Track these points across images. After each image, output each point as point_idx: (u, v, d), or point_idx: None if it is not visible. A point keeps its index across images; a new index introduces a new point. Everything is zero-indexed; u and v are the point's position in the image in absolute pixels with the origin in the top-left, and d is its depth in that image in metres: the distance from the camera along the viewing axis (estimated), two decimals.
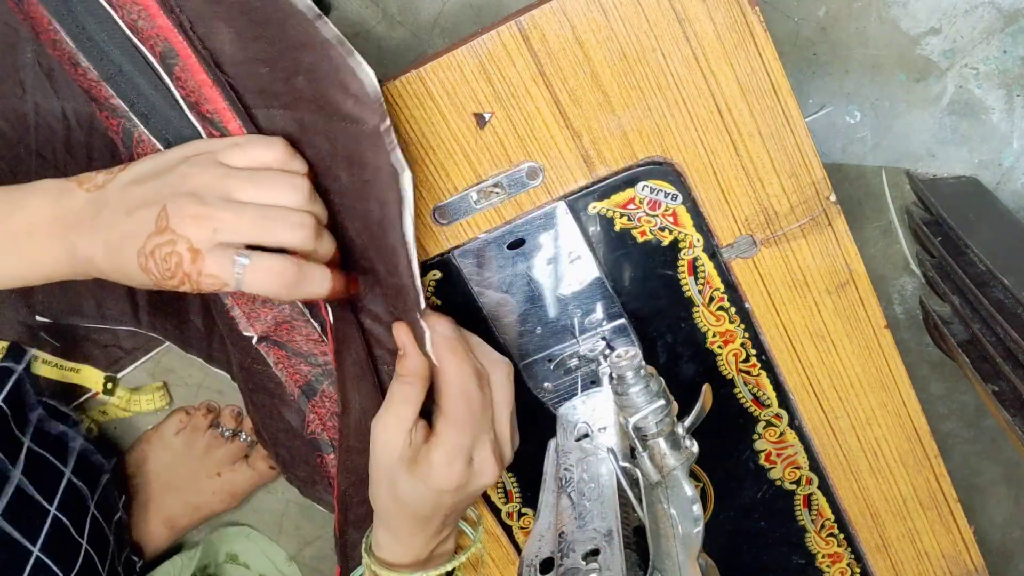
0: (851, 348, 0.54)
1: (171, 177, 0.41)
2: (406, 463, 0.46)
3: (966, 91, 0.78)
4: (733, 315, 0.54)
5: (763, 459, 0.59)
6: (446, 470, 0.46)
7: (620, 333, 0.54)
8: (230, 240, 0.40)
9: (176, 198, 0.40)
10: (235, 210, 0.41)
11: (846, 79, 0.78)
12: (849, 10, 0.76)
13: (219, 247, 0.40)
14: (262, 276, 0.41)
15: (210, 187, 0.41)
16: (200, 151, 0.43)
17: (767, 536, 0.61)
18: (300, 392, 0.52)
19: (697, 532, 0.43)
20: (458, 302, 0.54)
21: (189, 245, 0.40)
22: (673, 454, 0.44)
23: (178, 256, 0.40)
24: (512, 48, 0.47)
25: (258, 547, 0.87)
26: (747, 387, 0.56)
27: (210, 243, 0.40)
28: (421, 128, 0.49)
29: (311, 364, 0.51)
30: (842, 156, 0.81)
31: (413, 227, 0.43)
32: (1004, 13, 0.75)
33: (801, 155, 0.49)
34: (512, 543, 0.61)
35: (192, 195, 0.40)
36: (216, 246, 0.40)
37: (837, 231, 0.51)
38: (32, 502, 0.61)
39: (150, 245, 0.40)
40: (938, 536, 0.60)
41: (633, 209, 0.51)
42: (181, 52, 0.43)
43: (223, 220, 0.40)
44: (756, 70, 0.47)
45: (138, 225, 0.40)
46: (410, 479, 0.46)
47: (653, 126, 0.49)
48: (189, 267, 0.40)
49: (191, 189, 0.41)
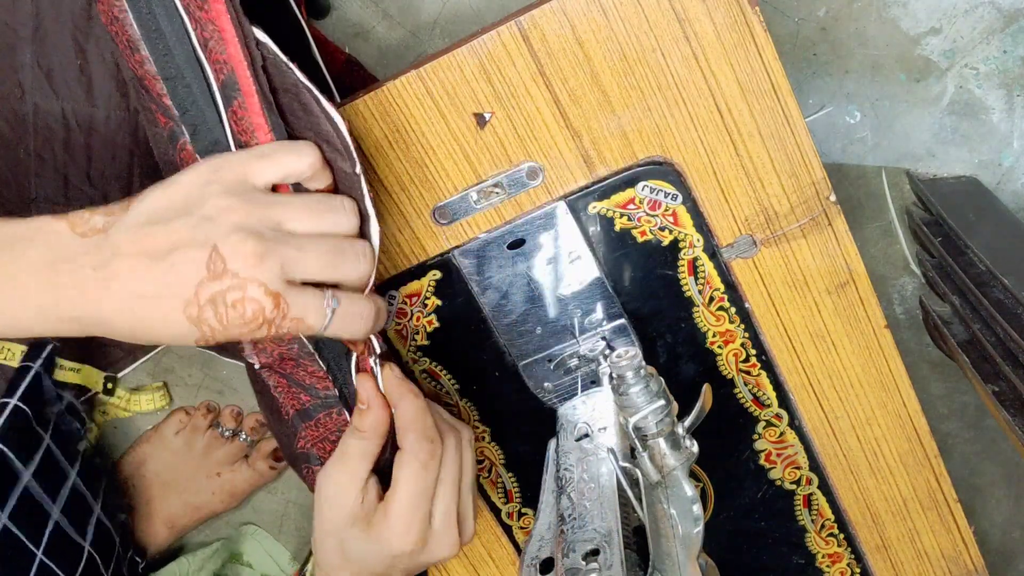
0: (851, 348, 0.54)
1: (206, 211, 0.36)
2: (360, 523, 0.44)
3: (966, 91, 0.78)
4: (733, 315, 0.54)
5: (763, 459, 0.59)
6: (404, 533, 0.43)
7: (620, 333, 0.54)
8: (298, 278, 0.37)
9: (225, 236, 0.35)
10: (298, 244, 0.37)
11: (846, 79, 0.78)
12: (849, 10, 0.76)
13: (301, 290, 0.37)
14: (350, 320, 0.38)
15: (260, 218, 0.36)
16: (221, 171, 0.37)
17: (767, 536, 0.61)
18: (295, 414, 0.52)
19: (697, 532, 0.43)
20: (458, 302, 0.54)
21: (265, 289, 0.35)
22: (673, 454, 0.44)
23: (255, 303, 0.35)
24: (512, 48, 0.47)
25: (262, 547, 0.87)
26: (747, 387, 0.56)
27: (280, 283, 0.36)
28: (421, 128, 0.49)
29: (311, 395, 0.50)
30: (842, 156, 0.81)
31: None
32: (1004, 13, 0.76)
33: (801, 155, 0.49)
34: (512, 543, 0.61)
35: (244, 230, 0.35)
36: (294, 288, 0.36)
37: (837, 231, 0.51)
38: (37, 505, 0.61)
39: (206, 294, 0.35)
40: (938, 536, 0.60)
41: (633, 209, 0.51)
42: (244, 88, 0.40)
43: (288, 256, 0.36)
44: (756, 70, 0.47)
45: (179, 273, 0.35)
46: (364, 540, 0.44)
47: (653, 126, 0.49)
48: (272, 312, 0.36)
49: (239, 223, 0.36)
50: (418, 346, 0.55)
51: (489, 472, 0.60)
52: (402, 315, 0.54)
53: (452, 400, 0.57)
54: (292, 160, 0.38)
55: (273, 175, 0.38)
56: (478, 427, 0.58)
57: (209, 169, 0.37)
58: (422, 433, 0.44)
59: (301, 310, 0.36)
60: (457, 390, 0.57)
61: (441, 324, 0.55)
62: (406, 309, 0.54)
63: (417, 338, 0.55)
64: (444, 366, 0.56)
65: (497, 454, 0.59)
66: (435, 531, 0.45)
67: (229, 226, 0.35)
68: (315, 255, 0.37)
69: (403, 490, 0.44)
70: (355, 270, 0.39)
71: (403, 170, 0.50)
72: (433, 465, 0.44)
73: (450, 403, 0.57)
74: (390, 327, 0.55)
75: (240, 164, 0.38)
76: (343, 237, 0.39)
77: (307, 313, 0.37)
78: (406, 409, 0.44)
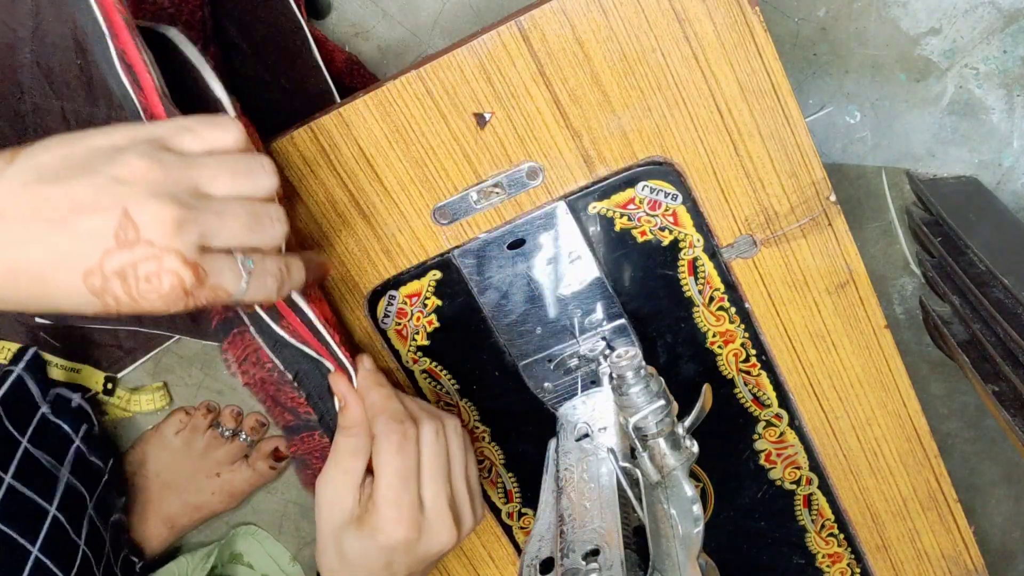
0: (851, 348, 0.54)
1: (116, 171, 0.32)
2: (356, 522, 0.42)
3: (966, 91, 0.78)
4: (733, 315, 0.54)
5: (763, 459, 0.59)
6: (395, 520, 0.41)
7: (620, 333, 0.54)
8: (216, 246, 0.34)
9: (140, 201, 0.32)
10: (217, 210, 0.34)
11: (846, 79, 0.78)
12: (849, 10, 0.76)
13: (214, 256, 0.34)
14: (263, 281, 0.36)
15: (178, 181, 0.33)
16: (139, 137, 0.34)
17: (767, 536, 0.61)
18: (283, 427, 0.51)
19: (697, 532, 0.43)
20: (458, 302, 0.54)
21: (183, 258, 0.32)
22: (673, 454, 0.44)
23: (172, 275, 0.32)
24: (512, 48, 0.47)
25: (262, 547, 0.87)
26: (747, 387, 0.56)
27: (197, 252, 0.33)
28: (421, 128, 0.49)
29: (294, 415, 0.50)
30: (842, 156, 0.81)
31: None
32: (1004, 13, 0.75)
33: (801, 155, 0.49)
34: (512, 543, 0.61)
35: (162, 195, 0.32)
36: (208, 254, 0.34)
37: (837, 231, 0.51)
38: (28, 502, 0.61)
39: (113, 264, 0.31)
40: (938, 536, 0.60)
41: (633, 209, 0.51)
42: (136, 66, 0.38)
43: (208, 224, 0.33)
44: (756, 70, 0.47)
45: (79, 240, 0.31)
46: (359, 538, 0.42)
47: (653, 126, 0.49)
48: (191, 283, 0.33)
49: (155, 186, 0.32)
50: (418, 346, 0.55)
51: (489, 472, 0.60)
52: (402, 315, 0.54)
53: (452, 400, 0.57)
54: (217, 134, 0.36)
55: (195, 147, 0.35)
56: (478, 427, 0.58)
57: (125, 132, 0.34)
58: (390, 416, 0.43)
59: (217, 277, 0.34)
60: (457, 390, 0.57)
61: (441, 324, 0.55)
62: (406, 309, 0.54)
63: (417, 338, 0.55)
64: (444, 366, 0.56)
65: (497, 454, 0.59)
66: (428, 518, 0.43)
67: (145, 189, 0.32)
68: (234, 220, 0.34)
69: (382, 475, 0.42)
70: (272, 236, 0.36)
71: (403, 170, 0.50)
72: (409, 448, 0.43)
73: (450, 403, 0.57)
74: (390, 327, 0.55)
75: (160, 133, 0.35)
76: (259, 200, 0.36)
77: (223, 278, 0.34)
78: (373, 397, 0.44)
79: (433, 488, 0.44)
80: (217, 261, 0.34)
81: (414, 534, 0.42)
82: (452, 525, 0.44)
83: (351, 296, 0.53)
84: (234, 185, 0.35)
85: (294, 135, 0.49)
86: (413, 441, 0.43)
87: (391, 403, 0.44)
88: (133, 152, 0.33)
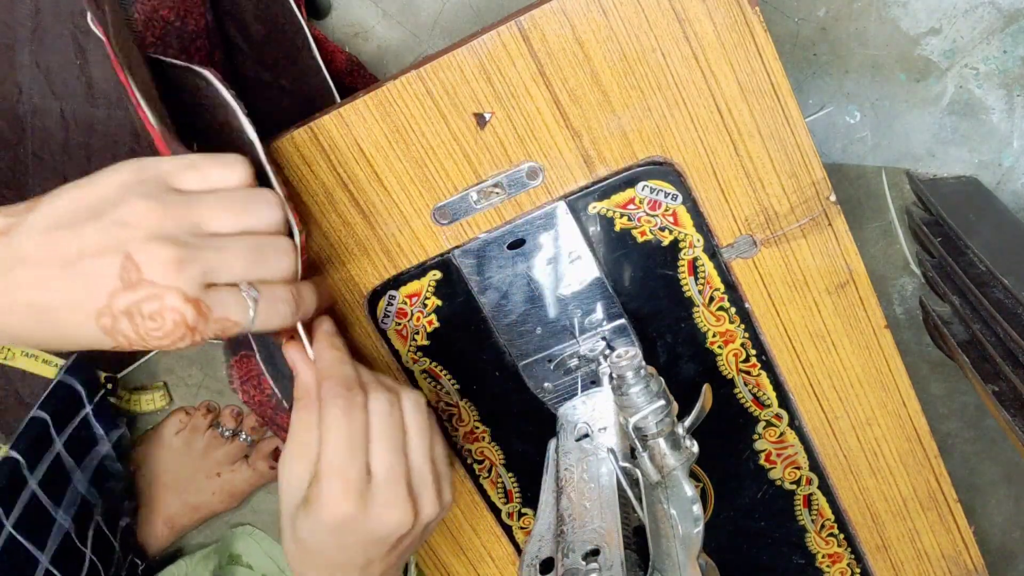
0: (851, 348, 0.54)
1: (120, 214, 0.33)
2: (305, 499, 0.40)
3: (966, 91, 0.78)
4: (733, 315, 0.54)
5: (763, 459, 0.59)
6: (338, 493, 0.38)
7: (620, 333, 0.54)
8: (219, 280, 0.35)
9: (141, 243, 0.33)
10: (218, 247, 0.35)
11: (846, 79, 0.78)
12: (849, 10, 0.76)
13: (217, 289, 0.35)
14: (274, 309, 0.37)
15: (178, 221, 0.34)
16: (144, 176, 0.35)
17: (767, 536, 0.61)
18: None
19: (697, 532, 0.43)
20: (458, 302, 0.54)
21: (183, 296, 0.33)
22: (673, 454, 0.44)
23: (174, 312, 0.33)
24: (512, 48, 0.47)
25: (261, 547, 0.87)
26: (747, 387, 0.56)
27: (200, 288, 0.34)
28: (421, 128, 0.49)
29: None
30: (842, 156, 0.81)
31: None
32: (1004, 13, 0.75)
33: (801, 155, 0.49)
34: (512, 543, 0.61)
35: (160, 237, 0.33)
36: (212, 289, 0.35)
37: (837, 231, 0.51)
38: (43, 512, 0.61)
39: (120, 304, 0.33)
40: (938, 536, 0.60)
41: (633, 209, 0.51)
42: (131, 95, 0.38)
43: (209, 261, 0.34)
44: (756, 70, 0.47)
45: (89, 283, 0.33)
46: (306, 515, 0.39)
47: (653, 126, 0.49)
48: (194, 319, 0.34)
49: (155, 228, 0.33)
50: (418, 346, 0.55)
51: (489, 472, 0.60)
52: (402, 315, 0.54)
53: (452, 400, 0.57)
54: (220, 172, 0.36)
55: (198, 185, 0.36)
56: (478, 427, 0.58)
57: (129, 170, 0.35)
58: (337, 380, 0.40)
59: (223, 310, 0.35)
60: (457, 390, 0.57)
61: (441, 324, 0.55)
62: (406, 309, 0.54)
63: (417, 338, 0.55)
64: (444, 366, 0.56)
65: (497, 454, 0.59)
66: (374, 492, 0.39)
67: (145, 232, 0.33)
68: (236, 256, 0.35)
69: (325, 442, 0.39)
70: (277, 269, 0.37)
71: (403, 170, 0.50)
72: (357, 415, 0.40)
73: (450, 403, 0.57)
74: (390, 327, 0.55)
75: (165, 171, 0.35)
76: (265, 234, 0.37)
77: (229, 311, 0.35)
78: (322, 359, 0.41)
79: (384, 459, 0.40)
80: (220, 294, 0.35)
81: (360, 507, 0.39)
82: (407, 502, 0.40)
83: (351, 296, 0.53)
84: (236, 221, 0.36)
85: (294, 135, 0.49)
86: (360, 408, 0.40)
87: (341, 368, 0.41)
88: (136, 193, 0.34)
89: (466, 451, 0.59)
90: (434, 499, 0.42)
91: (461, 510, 0.60)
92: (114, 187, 0.34)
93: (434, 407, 0.56)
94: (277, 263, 0.37)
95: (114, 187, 0.34)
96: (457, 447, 0.59)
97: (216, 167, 0.36)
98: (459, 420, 0.58)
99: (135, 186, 0.34)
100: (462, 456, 0.59)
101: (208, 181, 0.36)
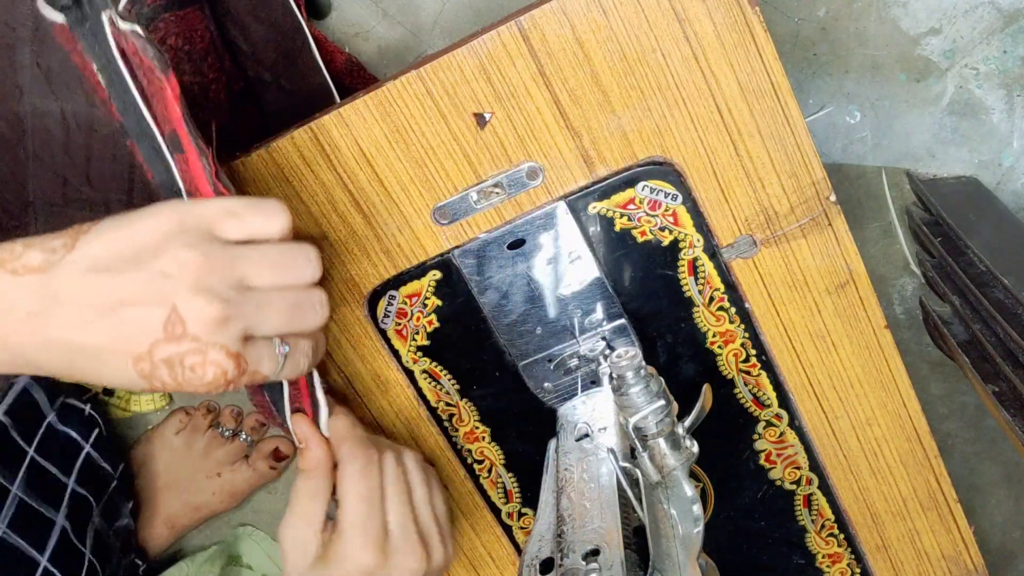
0: (851, 348, 0.54)
1: (162, 264, 0.34)
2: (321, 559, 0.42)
3: (966, 91, 0.78)
4: (733, 315, 0.54)
5: (763, 459, 0.59)
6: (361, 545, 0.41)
7: (620, 333, 0.54)
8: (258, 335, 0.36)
9: (185, 297, 0.33)
10: (259, 303, 0.36)
11: (846, 79, 0.78)
12: (849, 10, 0.76)
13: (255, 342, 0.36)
14: (297, 362, 0.38)
15: (221, 274, 0.34)
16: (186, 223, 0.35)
17: (767, 536, 0.61)
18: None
19: (697, 532, 0.43)
20: (458, 302, 0.54)
21: (227, 351, 0.34)
22: (673, 454, 0.44)
23: (216, 367, 0.34)
24: (512, 48, 0.47)
25: (261, 548, 0.87)
26: (747, 387, 0.56)
27: (240, 344, 0.35)
28: (421, 128, 0.49)
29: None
30: (842, 156, 0.81)
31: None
32: (1004, 13, 0.75)
33: (801, 155, 0.49)
34: (512, 543, 0.61)
35: (206, 292, 0.34)
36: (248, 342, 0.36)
37: (837, 231, 0.51)
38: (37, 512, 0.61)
39: (162, 354, 0.34)
40: (938, 536, 0.60)
41: (633, 209, 0.51)
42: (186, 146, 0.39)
43: (250, 318, 0.35)
44: (756, 70, 0.47)
45: (131, 330, 0.33)
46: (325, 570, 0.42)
47: (653, 126, 0.49)
48: (233, 374, 0.35)
49: (199, 281, 0.34)
50: (418, 346, 0.55)
51: (489, 472, 0.60)
52: (402, 315, 0.54)
53: (452, 400, 0.57)
54: (261, 222, 0.36)
55: (239, 235, 0.36)
56: (478, 427, 0.58)
57: (171, 216, 0.35)
58: (355, 441, 0.43)
59: (256, 363, 0.36)
60: (457, 390, 0.57)
61: (441, 324, 0.55)
62: (406, 309, 0.54)
63: (417, 338, 0.55)
64: (444, 366, 0.56)
65: (497, 454, 0.59)
66: (394, 542, 0.43)
67: (190, 285, 0.33)
68: (275, 313, 0.36)
69: (347, 500, 0.42)
70: (312, 323, 0.38)
71: (403, 170, 0.50)
72: (373, 470, 0.43)
73: (450, 403, 0.57)
74: (390, 327, 0.55)
75: (206, 217, 0.35)
76: (302, 288, 0.38)
77: (262, 364, 0.36)
78: (336, 426, 0.44)
79: (398, 512, 0.43)
80: (258, 349, 0.36)
81: (381, 558, 0.42)
82: (421, 550, 0.43)
83: (351, 296, 0.53)
84: (276, 277, 0.36)
85: (294, 135, 0.49)
86: (376, 464, 0.43)
87: (355, 431, 0.45)
88: (179, 242, 0.34)
89: (466, 451, 0.59)
90: (440, 548, 0.45)
91: (461, 510, 0.60)
92: (157, 235, 0.34)
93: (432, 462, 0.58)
94: (312, 318, 0.38)
95: (157, 235, 0.34)
96: (457, 447, 0.59)
97: (258, 217, 0.36)
98: (459, 420, 0.58)
99: (178, 235, 0.34)
100: (462, 456, 0.59)
101: (249, 230, 0.36)
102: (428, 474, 0.48)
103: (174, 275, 0.33)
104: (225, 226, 0.36)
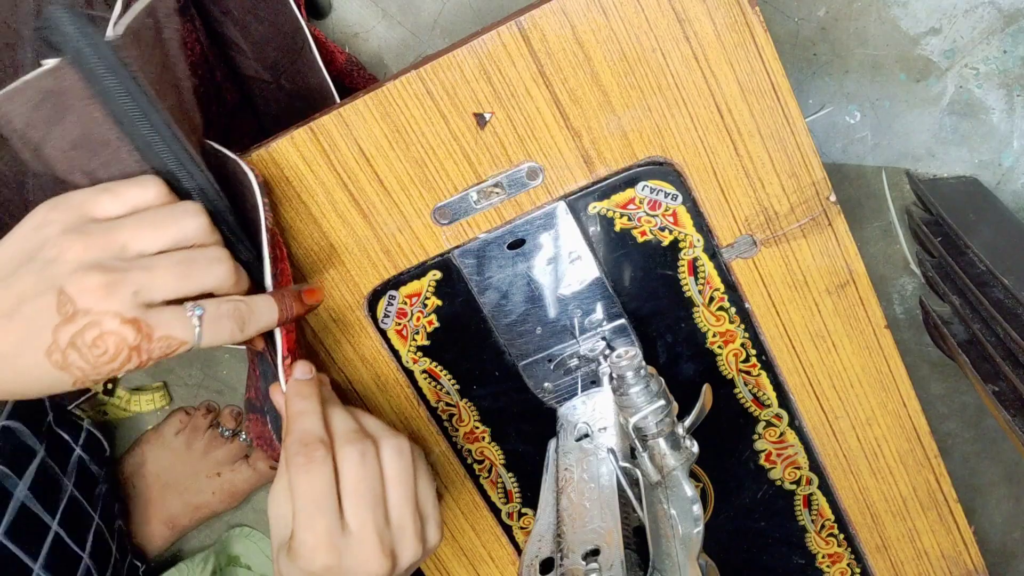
0: (851, 348, 0.54)
1: (46, 254, 0.34)
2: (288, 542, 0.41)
3: (966, 91, 0.78)
4: (733, 315, 0.54)
5: (763, 459, 0.59)
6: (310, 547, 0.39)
7: (620, 333, 0.54)
8: (154, 299, 0.35)
9: (70, 276, 0.34)
10: (145, 265, 0.35)
11: (846, 79, 0.78)
12: (849, 10, 0.76)
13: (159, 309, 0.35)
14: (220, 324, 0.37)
15: (102, 248, 0.35)
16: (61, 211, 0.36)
17: (767, 536, 0.61)
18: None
19: (697, 532, 0.43)
20: (458, 302, 0.54)
21: (120, 318, 0.34)
22: (673, 454, 0.44)
23: (114, 335, 0.34)
24: (512, 48, 0.47)
25: (259, 548, 0.87)
26: (747, 387, 0.56)
27: (137, 308, 0.35)
28: (421, 128, 0.49)
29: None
30: (842, 156, 0.81)
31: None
32: (1004, 13, 0.75)
33: (801, 155, 0.49)
34: (512, 543, 0.61)
35: (87, 266, 0.34)
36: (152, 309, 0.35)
37: (837, 231, 0.51)
38: (35, 518, 0.61)
39: (64, 338, 0.34)
40: (938, 536, 0.60)
41: (633, 209, 0.51)
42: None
43: (138, 281, 0.35)
44: (756, 70, 0.47)
45: (33, 325, 0.34)
46: (287, 559, 0.40)
47: (653, 126, 0.49)
48: (135, 339, 0.35)
49: (81, 259, 0.34)
50: (418, 346, 0.55)
51: (489, 472, 0.60)
52: (402, 315, 0.54)
53: (452, 400, 0.57)
54: (136, 191, 0.37)
55: (117, 209, 0.36)
56: (478, 427, 0.58)
57: (46, 211, 0.36)
58: (296, 436, 0.41)
59: (165, 328, 0.35)
60: (457, 390, 0.57)
61: (441, 324, 0.55)
62: (406, 309, 0.54)
63: (417, 338, 0.55)
64: (444, 366, 0.56)
65: (497, 454, 0.59)
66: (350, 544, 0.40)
67: (72, 264, 0.34)
68: (165, 272, 0.36)
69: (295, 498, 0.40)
70: (211, 278, 0.37)
71: (403, 170, 0.50)
72: (316, 469, 0.40)
73: (450, 403, 0.57)
74: (390, 327, 0.55)
75: (80, 201, 0.36)
76: (194, 246, 0.37)
77: (173, 329, 0.35)
78: (288, 412, 0.42)
79: (356, 513, 0.40)
80: (163, 314, 0.35)
81: (334, 560, 0.39)
82: (380, 553, 0.40)
83: (351, 296, 0.53)
84: (158, 237, 0.36)
85: (294, 135, 0.49)
86: (320, 463, 0.40)
87: (299, 421, 0.42)
88: (56, 230, 0.35)
89: (466, 451, 0.59)
90: (415, 544, 0.43)
91: (461, 510, 0.60)
92: (33, 230, 0.35)
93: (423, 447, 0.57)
94: (210, 273, 0.37)
95: (33, 230, 0.35)
96: (457, 447, 0.59)
97: (132, 187, 0.37)
98: (459, 420, 0.58)
99: (54, 224, 0.35)
100: (462, 456, 0.59)
101: (125, 202, 0.37)
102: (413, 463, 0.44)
103: (56, 260, 0.34)
104: (101, 204, 0.36)
